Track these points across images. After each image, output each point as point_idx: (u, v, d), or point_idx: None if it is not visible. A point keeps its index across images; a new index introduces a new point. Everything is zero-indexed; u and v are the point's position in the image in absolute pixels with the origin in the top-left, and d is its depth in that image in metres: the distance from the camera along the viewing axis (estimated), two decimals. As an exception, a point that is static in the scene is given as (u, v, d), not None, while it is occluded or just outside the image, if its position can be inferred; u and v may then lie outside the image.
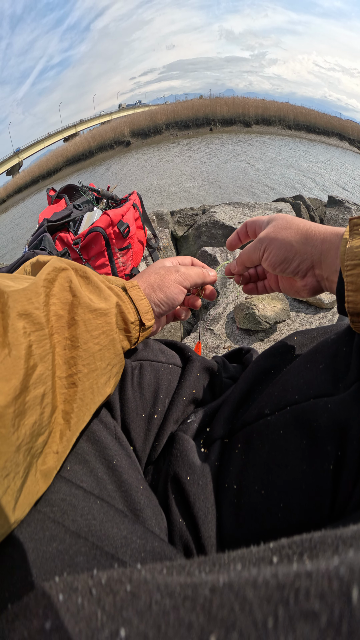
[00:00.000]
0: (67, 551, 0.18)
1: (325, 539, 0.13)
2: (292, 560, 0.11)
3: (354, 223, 0.27)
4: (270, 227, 0.34)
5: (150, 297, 0.34)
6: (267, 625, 0.08)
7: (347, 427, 0.24)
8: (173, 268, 0.37)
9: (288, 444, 0.26)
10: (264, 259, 0.34)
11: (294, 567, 0.10)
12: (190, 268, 0.38)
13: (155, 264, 0.38)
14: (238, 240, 0.41)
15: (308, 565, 0.10)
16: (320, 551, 0.12)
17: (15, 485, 0.17)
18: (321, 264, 0.31)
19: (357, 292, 0.25)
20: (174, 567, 0.11)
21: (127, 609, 0.09)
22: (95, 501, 0.21)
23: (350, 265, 0.25)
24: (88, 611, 0.09)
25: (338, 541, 0.12)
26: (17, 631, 0.10)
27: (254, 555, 0.13)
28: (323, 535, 0.13)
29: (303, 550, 0.12)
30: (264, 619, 0.08)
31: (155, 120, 19.49)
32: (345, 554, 0.10)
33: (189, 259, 0.41)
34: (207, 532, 0.25)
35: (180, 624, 0.09)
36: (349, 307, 0.26)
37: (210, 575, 0.11)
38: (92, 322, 0.25)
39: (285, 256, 0.32)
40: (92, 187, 1.29)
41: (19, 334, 0.19)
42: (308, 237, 0.31)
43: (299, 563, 0.10)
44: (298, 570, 0.09)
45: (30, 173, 19.56)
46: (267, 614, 0.09)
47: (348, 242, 0.26)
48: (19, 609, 0.10)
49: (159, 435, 0.31)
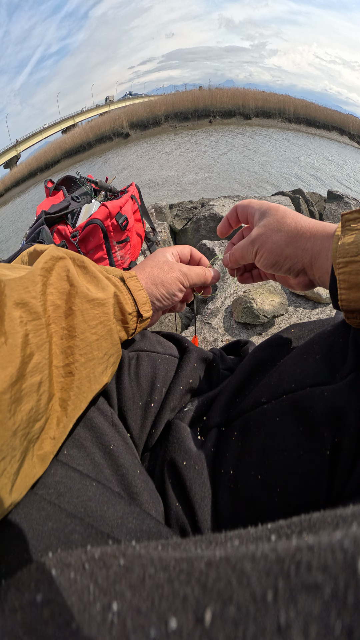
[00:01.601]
0: (62, 530, 0.18)
1: (325, 518, 0.12)
2: (291, 538, 0.11)
3: (346, 218, 0.26)
4: (262, 226, 0.33)
5: (152, 292, 0.34)
6: (267, 598, 0.08)
7: (343, 414, 0.24)
8: (177, 266, 0.36)
9: (285, 430, 0.26)
10: (257, 261, 0.34)
11: (294, 542, 0.10)
12: (193, 268, 0.38)
13: (156, 255, 0.37)
14: (229, 227, 0.40)
15: (309, 539, 0.09)
16: (320, 529, 0.11)
17: (12, 468, 0.18)
18: (312, 265, 0.30)
19: (350, 289, 0.25)
20: (169, 544, 0.11)
21: (120, 582, 0.09)
22: (92, 483, 0.22)
23: (342, 263, 0.25)
24: (80, 585, 0.09)
25: (338, 519, 0.12)
26: (9, 602, 0.09)
27: (251, 535, 0.13)
28: (322, 515, 0.13)
29: (302, 529, 0.12)
30: (262, 592, 0.08)
31: (154, 112, 19.24)
32: (348, 528, 0.10)
33: (188, 248, 0.40)
34: (203, 516, 0.25)
35: (174, 597, 0.08)
36: (343, 305, 0.26)
37: (207, 551, 0.10)
38: (90, 312, 0.25)
39: (276, 260, 0.32)
40: (90, 179, 1.27)
41: (15, 323, 0.20)
42: (299, 239, 0.31)
43: (298, 539, 0.10)
44: (299, 544, 0.09)
45: (28, 166, 19.32)
46: (266, 587, 0.08)
47: (340, 239, 0.26)
48: (11, 582, 0.10)
49: (156, 423, 0.31)
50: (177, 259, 0.39)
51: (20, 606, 0.09)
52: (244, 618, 0.08)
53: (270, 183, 6.03)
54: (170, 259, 0.38)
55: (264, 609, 0.08)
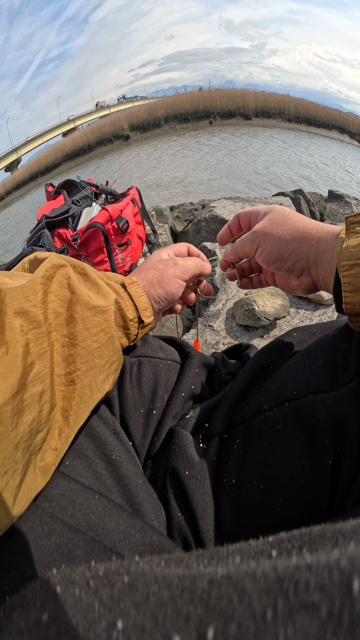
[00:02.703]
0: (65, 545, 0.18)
1: (325, 533, 0.13)
2: (292, 554, 0.11)
3: (350, 221, 0.26)
4: (266, 220, 0.33)
5: (149, 293, 0.33)
6: (266, 617, 0.08)
7: (346, 423, 0.23)
8: (171, 261, 0.36)
9: (287, 439, 0.26)
10: (258, 254, 0.33)
11: (294, 560, 0.10)
12: (188, 259, 0.37)
13: (152, 257, 0.37)
14: (230, 234, 0.39)
15: (308, 558, 0.10)
16: (319, 545, 0.12)
17: (14, 482, 0.18)
18: (317, 264, 0.30)
19: (355, 292, 0.25)
20: (172, 560, 0.11)
21: (124, 600, 0.09)
22: (94, 496, 0.21)
23: (347, 266, 0.25)
24: (85, 603, 0.09)
25: (338, 535, 0.12)
26: (15, 623, 0.10)
27: (252, 549, 0.13)
28: (322, 529, 0.13)
29: (302, 544, 0.12)
30: (262, 611, 0.08)
31: (155, 114, 19.27)
32: (346, 547, 0.10)
33: (185, 246, 0.40)
34: (205, 526, 0.25)
35: (177, 615, 0.09)
36: (347, 308, 0.26)
37: (209, 567, 0.11)
38: (91, 319, 0.25)
39: (279, 254, 0.31)
40: (91, 182, 1.28)
41: (16, 332, 0.19)
42: (304, 235, 0.30)
43: (298, 556, 0.10)
44: (297, 563, 0.09)
45: (29, 169, 19.41)
46: (266, 606, 0.08)
47: (344, 241, 0.25)
48: (16, 601, 0.10)
49: (158, 431, 0.31)
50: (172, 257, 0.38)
51: (27, 627, 0.09)
52: (244, 636, 0.08)
53: (271, 182, 6.03)
54: (165, 258, 0.37)
55: (263, 627, 0.08)
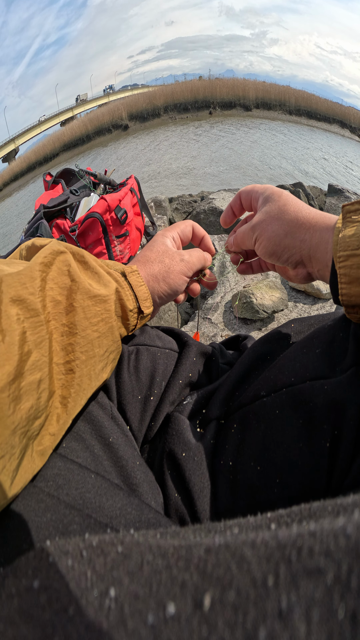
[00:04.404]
0: (60, 521, 0.18)
1: (325, 507, 0.12)
2: (292, 526, 0.11)
3: (346, 210, 0.25)
4: (263, 212, 0.33)
5: (153, 289, 0.33)
6: (267, 584, 0.08)
7: (343, 408, 0.23)
8: (177, 256, 0.35)
9: (284, 423, 0.25)
10: (256, 248, 0.34)
11: (295, 529, 0.10)
12: (193, 254, 0.36)
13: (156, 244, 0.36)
14: (232, 216, 0.39)
15: (311, 526, 0.09)
16: (321, 517, 0.11)
17: (11, 466, 0.18)
18: (311, 258, 0.30)
19: (351, 284, 0.24)
20: (168, 532, 0.11)
21: (117, 569, 0.09)
22: (90, 475, 0.22)
23: (343, 257, 0.24)
24: (78, 572, 0.09)
25: (339, 507, 0.12)
26: (6, 588, 0.09)
27: (251, 523, 0.13)
28: (322, 504, 0.13)
29: (302, 517, 0.12)
30: (263, 577, 0.08)
31: (154, 103, 18.95)
32: (350, 515, 0.09)
33: (190, 227, 0.38)
34: (202, 506, 0.25)
35: (172, 582, 0.08)
36: (343, 300, 0.25)
37: (206, 539, 0.10)
38: (91, 308, 0.25)
39: (274, 249, 0.31)
40: (89, 171, 1.25)
41: (12, 320, 0.19)
42: (298, 229, 0.30)
43: (299, 526, 0.10)
44: (300, 531, 0.09)
45: (26, 159, 19.12)
46: (267, 572, 0.08)
47: (341, 231, 0.25)
48: (9, 569, 0.10)
49: (155, 416, 0.31)
50: (178, 243, 0.38)
51: (17, 592, 0.09)
52: (244, 603, 0.08)
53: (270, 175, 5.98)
54: (170, 246, 0.36)
55: (264, 593, 0.08)
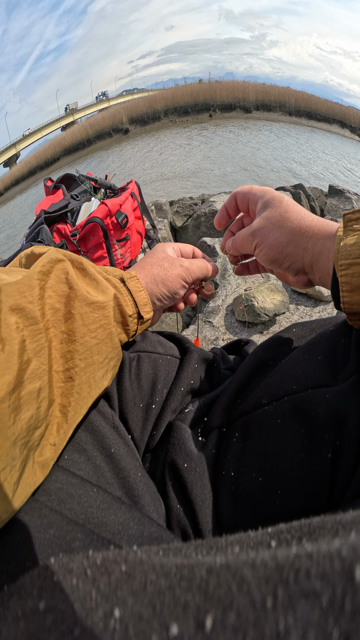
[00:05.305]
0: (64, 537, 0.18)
1: (325, 524, 0.13)
2: (291, 544, 0.11)
3: (348, 218, 0.26)
4: (264, 218, 0.32)
5: (152, 291, 0.33)
6: (266, 605, 0.08)
7: (345, 418, 0.23)
8: (177, 261, 0.35)
9: (286, 432, 0.25)
10: (256, 254, 0.34)
11: (294, 549, 0.10)
12: (194, 262, 0.36)
13: (156, 251, 0.36)
14: (227, 217, 0.38)
15: (308, 547, 0.09)
16: (319, 535, 0.12)
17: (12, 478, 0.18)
18: (312, 266, 0.30)
19: (353, 292, 0.24)
20: (170, 549, 0.11)
21: (121, 589, 0.09)
22: (92, 489, 0.22)
23: (344, 265, 0.24)
24: (83, 591, 0.09)
25: (338, 525, 0.12)
26: (12, 610, 0.10)
27: (251, 540, 0.13)
28: (322, 520, 0.13)
29: (302, 535, 0.12)
30: (262, 599, 0.08)
31: (154, 107, 19.04)
32: (347, 536, 0.10)
33: (190, 248, 0.39)
34: (204, 518, 0.25)
35: (175, 603, 0.09)
36: (345, 307, 0.25)
37: (207, 557, 0.10)
38: (89, 315, 0.25)
39: (276, 257, 0.31)
40: (90, 176, 1.26)
41: (11, 329, 0.19)
42: (301, 237, 0.30)
43: (298, 546, 0.10)
44: (298, 552, 0.09)
45: (27, 164, 19.24)
46: (266, 594, 0.08)
47: (342, 239, 0.25)
48: (14, 589, 0.10)
49: (157, 425, 0.31)
50: (178, 254, 0.38)
51: (24, 614, 0.09)
52: (243, 624, 0.08)
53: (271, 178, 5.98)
54: (171, 254, 0.36)
55: (263, 615, 0.08)
